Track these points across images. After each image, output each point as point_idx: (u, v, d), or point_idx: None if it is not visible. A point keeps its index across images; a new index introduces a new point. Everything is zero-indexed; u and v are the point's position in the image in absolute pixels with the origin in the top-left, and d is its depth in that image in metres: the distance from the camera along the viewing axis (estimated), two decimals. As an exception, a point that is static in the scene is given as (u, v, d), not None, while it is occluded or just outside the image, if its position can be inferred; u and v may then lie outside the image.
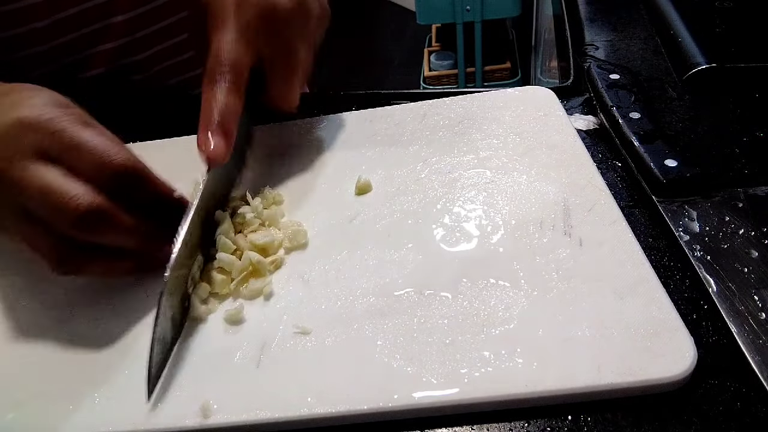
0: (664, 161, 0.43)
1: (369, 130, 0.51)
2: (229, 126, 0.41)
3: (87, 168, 0.36)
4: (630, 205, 0.42)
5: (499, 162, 0.45)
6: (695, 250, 0.38)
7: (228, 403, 0.33)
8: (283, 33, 0.44)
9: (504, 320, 0.34)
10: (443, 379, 0.32)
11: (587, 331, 0.33)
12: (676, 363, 0.31)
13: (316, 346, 0.35)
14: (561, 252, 0.38)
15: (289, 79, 0.45)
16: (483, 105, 0.51)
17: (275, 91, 0.45)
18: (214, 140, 0.40)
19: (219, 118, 0.40)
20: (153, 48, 0.63)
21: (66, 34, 0.58)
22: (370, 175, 0.46)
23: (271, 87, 0.45)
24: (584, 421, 0.31)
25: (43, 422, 0.34)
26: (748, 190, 0.41)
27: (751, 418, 0.30)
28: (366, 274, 0.39)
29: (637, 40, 0.60)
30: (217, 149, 0.40)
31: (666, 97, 0.52)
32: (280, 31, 0.43)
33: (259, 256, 0.40)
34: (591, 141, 0.48)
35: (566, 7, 0.69)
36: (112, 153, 0.37)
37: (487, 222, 0.41)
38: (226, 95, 0.41)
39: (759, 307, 0.34)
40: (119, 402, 0.34)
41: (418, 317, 0.35)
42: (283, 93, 0.45)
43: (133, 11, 0.60)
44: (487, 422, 0.32)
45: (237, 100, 0.41)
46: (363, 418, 0.32)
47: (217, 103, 0.40)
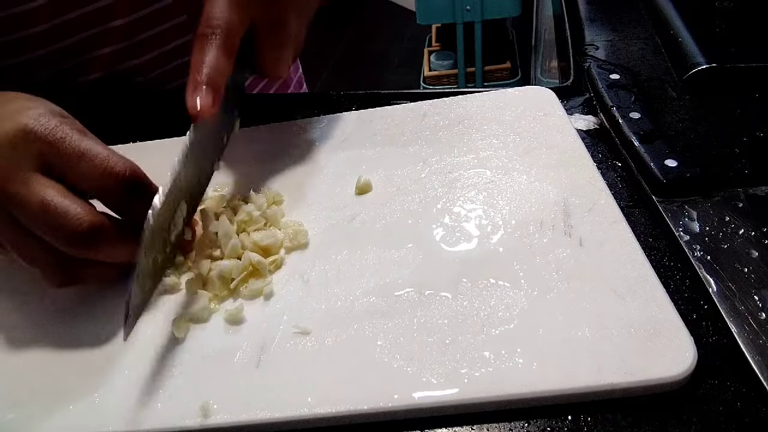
0: (664, 161, 0.43)
1: (369, 130, 0.51)
2: (217, 83, 0.40)
3: (89, 177, 0.37)
4: (630, 205, 0.42)
5: (499, 162, 0.45)
6: (695, 250, 0.38)
7: (228, 403, 0.33)
8: (275, 3, 0.44)
9: (504, 320, 0.34)
10: (443, 379, 0.32)
11: (587, 331, 0.33)
12: (676, 363, 0.31)
13: (316, 346, 0.35)
14: (561, 252, 0.38)
15: (280, 48, 0.46)
16: (483, 105, 0.51)
17: (265, 58, 0.46)
18: (201, 95, 0.40)
19: (207, 76, 0.40)
20: (152, 52, 0.63)
21: (66, 38, 0.58)
22: (370, 175, 0.46)
23: (261, 54, 0.46)
24: (584, 421, 0.31)
25: (43, 422, 0.34)
26: (748, 190, 0.41)
27: (751, 418, 0.30)
28: (366, 274, 0.39)
29: (637, 40, 0.60)
30: (203, 103, 0.40)
31: (666, 97, 0.52)
32: (272, 1, 0.44)
33: (260, 257, 0.40)
34: (591, 141, 0.48)
35: (566, 7, 0.69)
36: (114, 161, 0.37)
37: (487, 222, 0.41)
38: (216, 54, 0.41)
39: (759, 307, 0.34)
40: (119, 402, 0.34)
41: (418, 317, 0.35)
42: (272, 61, 0.46)
43: (133, 15, 0.60)
44: (487, 422, 0.32)
45: (226, 59, 0.41)
46: (363, 418, 0.32)
47: (206, 62, 0.40)
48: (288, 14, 0.45)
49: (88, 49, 0.60)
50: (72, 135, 0.37)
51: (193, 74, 0.40)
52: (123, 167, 0.37)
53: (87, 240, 0.36)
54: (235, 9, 0.42)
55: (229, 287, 0.39)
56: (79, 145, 0.37)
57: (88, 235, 0.35)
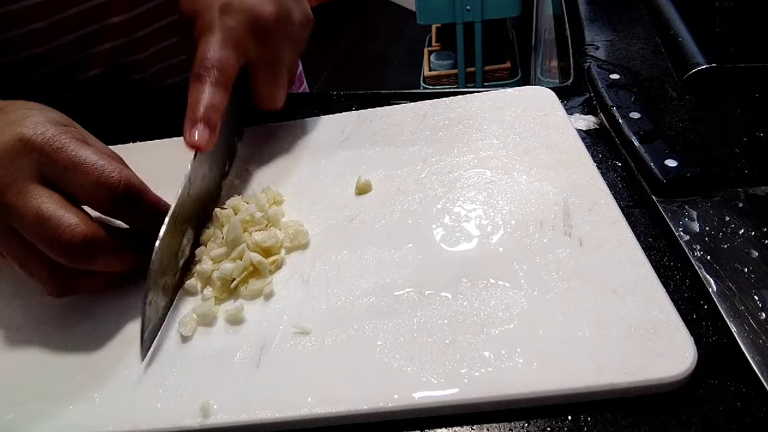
0: (664, 161, 0.43)
1: (369, 130, 0.51)
2: (213, 120, 0.42)
3: (84, 187, 0.37)
4: (630, 205, 0.42)
5: (499, 162, 0.45)
6: (695, 250, 0.38)
7: (228, 403, 0.33)
8: (267, 39, 0.45)
9: (504, 320, 0.34)
10: (443, 379, 0.32)
11: (587, 331, 0.33)
12: (676, 363, 0.31)
13: (316, 346, 0.35)
14: (561, 252, 0.38)
15: (274, 82, 0.47)
16: (483, 105, 0.51)
17: (261, 93, 0.48)
18: (198, 130, 0.41)
19: (203, 111, 0.42)
20: (151, 48, 0.63)
21: (64, 35, 0.58)
22: (370, 175, 0.46)
23: (256, 89, 0.47)
24: (584, 421, 0.31)
25: (43, 422, 0.34)
26: (748, 190, 0.41)
27: (751, 418, 0.30)
28: (366, 274, 0.39)
29: (637, 40, 0.60)
30: (201, 138, 0.41)
31: (666, 97, 0.52)
32: (264, 37, 0.45)
33: (260, 257, 0.40)
34: (591, 141, 0.48)
35: (566, 7, 0.69)
36: (109, 171, 0.37)
37: (487, 222, 0.41)
38: (212, 91, 0.42)
39: (759, 307, 0.34)
40: (119, 402, 0.34)
41: (418, 317, 0.35)
42: (268, 95, 0.48)
43: (131, 12, 0.60)
44: (487, 422, 0.32)
45: (222, 95, 0.43)
46: (363, 418, 0.32)
47: (203, 98, 0.42)
48: (282, 50, 0.47)
49: (87, 46, 0.60)
50: (69, 144, 0.37)
51: (190, 112, 0.42)
52: (117, 178, 0.37)
53: (81, 250, 0.36)
54: (230, 48, 0.44)
55: (230, 288, 0.39)
56: (75, 155, 0.37)
57: (81, 246, 0.35)
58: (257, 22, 0.45)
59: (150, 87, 0.65)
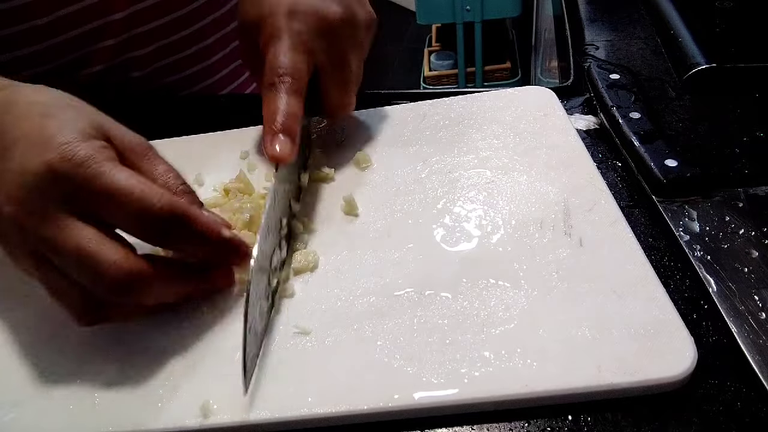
0: (664, 161, 0.43)
1: (369, 130, 0.51)
2: (293, 129, 0.41)
3: (124, 218, 0.34)
4: (630, 205, 0.42)
5: (499, 162, 0.45)
6: (695, 250, 0.38)
7: (228, 403, 0.33)
8: (335, 42, 0.44)
9: (504, 320, 0.34)
10: (443, 379, 0.32)
11: (587, 331, 0.33)
12: (676, 363, 0.31)
13: (316, 346, 0.35)
14: (561, 252, 0.38)
15: (345, 87, 0.46)
16: (483, 105, 0.51)
17: (332, 99, 0.46)
18: (280, 141, 0.40)
19: (282, 120, 0.41)
20: (151, 45, 0.63)
21: (66, 32, 0.58)
22: (370, 175, 0.46)
23: (327, 96, 0.46)
24: (584, 421, 0.31)
25: (43, 422, 0.34)
26: (748, 190, 0.41)
27: (751, 418, 0.30)
28: (366, 274, 0.39)
29: (637, 40, 0.60)
30: (283, 150, 0.40)
31: (666, 97, 0.52)
32: (332, 41, 0.44)
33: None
34: (591, 141, 0.48)
35: (566, 7, 0.69)
36: (149, 199, 0.34)
37: (487, 222, 0.41)
38: (287, 98, 0.41)
39: (759, 307, 0.34)
40: (119, 402, 0.34)
41: (418, 317, 0.35)
42: (339, 101, 0.47)
43: (132, 8, 0.60)
44: (487, 422, 0.32)
45: (298, 102, 0.42)
46: (363, 418, 0.32)
47: (279, 107, 0.41)
48: (349, 54, 0.45)
49: (88, 43, 0.60)
50: (102, 169, 0.33)
51: (268, 124, 0.41)
52: (159, 204, 0.34)
53: (126, 288, 0.33)
54: (300, 53, 0.43)
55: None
56: (110, 184, 0.33)
57: (126, 284, 0.33)
58: (323, 23, 0.44)
59: (150, 84, 0.65)
